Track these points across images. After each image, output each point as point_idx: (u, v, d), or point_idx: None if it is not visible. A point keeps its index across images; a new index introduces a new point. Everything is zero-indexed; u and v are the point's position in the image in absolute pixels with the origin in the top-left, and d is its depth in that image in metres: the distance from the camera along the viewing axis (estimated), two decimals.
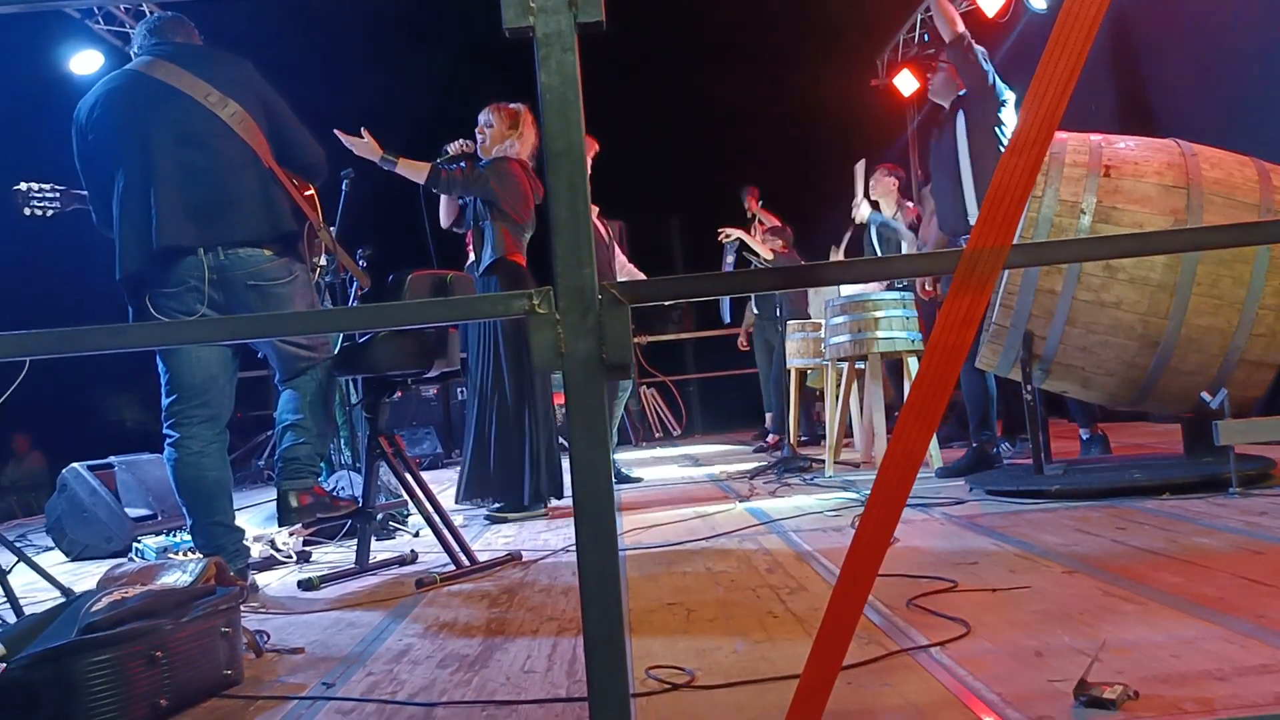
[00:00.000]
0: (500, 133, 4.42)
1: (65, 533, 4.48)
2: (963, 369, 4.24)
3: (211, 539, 2.90)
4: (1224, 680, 1.45)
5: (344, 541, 3.91)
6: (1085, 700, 1.38)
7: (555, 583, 2.78)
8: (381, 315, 1.68)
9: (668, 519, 3.85)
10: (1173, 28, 6.35)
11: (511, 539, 3.75)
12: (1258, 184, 3.39)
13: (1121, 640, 1.69)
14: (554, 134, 1.11)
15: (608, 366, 1.12)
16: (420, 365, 3.26)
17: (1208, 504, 3.07)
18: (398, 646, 2.19)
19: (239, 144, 2.90)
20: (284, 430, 3.03)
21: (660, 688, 1.68)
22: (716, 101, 9.79)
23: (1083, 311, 3.46)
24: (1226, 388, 3.29)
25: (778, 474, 5.19)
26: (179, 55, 2.97)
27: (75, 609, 1.82)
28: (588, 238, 1.11)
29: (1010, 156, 1.22)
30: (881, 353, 4.99)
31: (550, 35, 1.10)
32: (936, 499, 3.71)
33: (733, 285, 3.05)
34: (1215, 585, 2.02)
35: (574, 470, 1.12)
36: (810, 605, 2.18)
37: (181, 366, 2.89)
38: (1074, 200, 3.43)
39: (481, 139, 4.42)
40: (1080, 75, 1.20)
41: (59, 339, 1.24)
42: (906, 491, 1.22)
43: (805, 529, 3.30)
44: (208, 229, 2.84)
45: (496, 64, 5.63)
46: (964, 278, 1.20)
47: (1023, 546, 2.65)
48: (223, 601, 1.99)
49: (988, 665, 1.64)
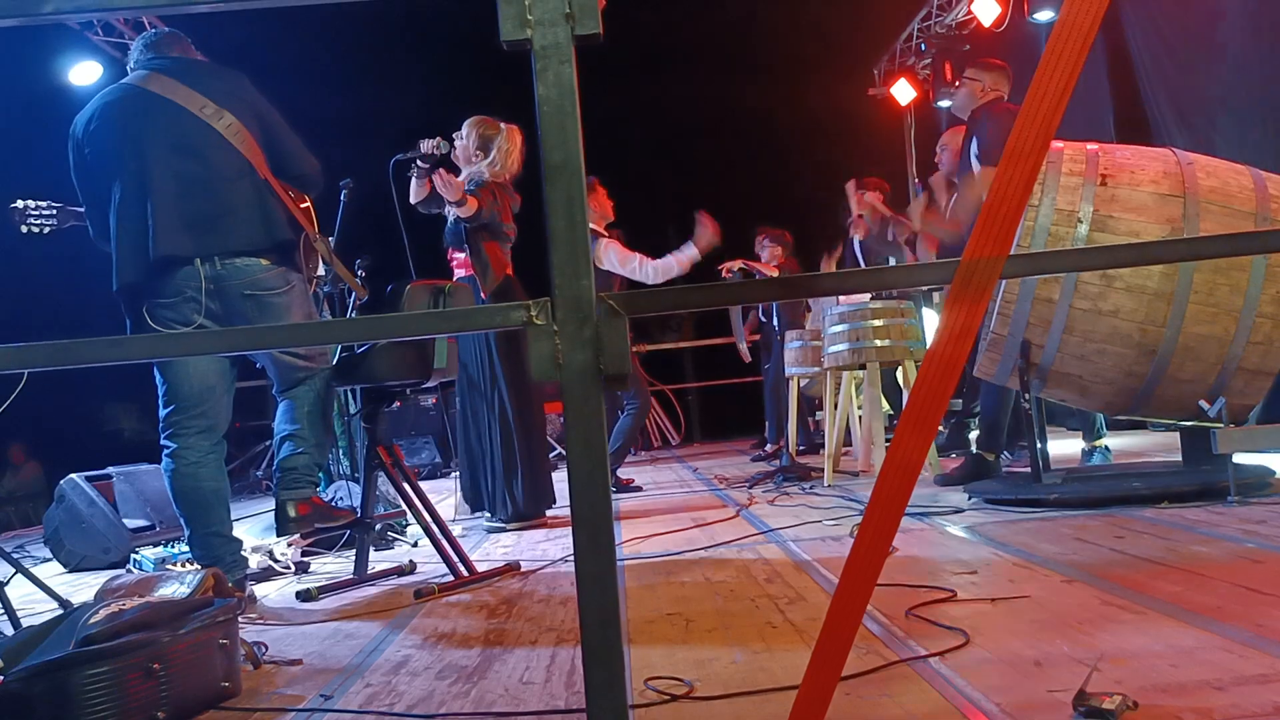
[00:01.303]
0: (468, 153, 4.47)
1: (63, 544, 4.47)
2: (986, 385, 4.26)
3: (209, 549, 2.90)
4: (1223, 690, 1.45)
5: (342, 552, 3.91)
6: (1084, 711, 1.38)
7: (554, 593, 2.77)
8: (379, 327, 1.67)
9: (666, 528, 3.85)
10: (1169, 36, 6.37)
11: (510, 549, 3.75)
12: (1254, 193, 3.40)
13: (1120, 650, 1.69)
14: (551, 146, 1.11)
15: (605, 378, 1.12)
16: (419, 375, 3.26)
17: (1206, 512, 3.07)
18: (396, 657, 2.18)
19: (234, 155, 2.91)
20: (282, 440, 3.04)
21: (659, 699, 1.68)
22: (713, 111, 9.82)
23: (1080, 320, 3.46)
24: (1224, 396, 3.30)
25: (776, 483, 5.19)
26: (175, 69, 2.99)
27: (73, 621, 1.82)
28: (585, 249, 1.12)
29: (1007, 165, 1.22)
30: (880, 361, 4.99)
31: (548, 48, 1.11)
32: (935, 508, 3.71)
33: (730, 297, 3.05)
34: (1214, 594, 2.02)
35: (572, 480, 1.12)
36: (809, 615, 2.18)
37: (179, 377, 2.90)
38: (1071, 209, 3.43)
39: (455, 148, 4.48)
40: (1076, 85, 1.21)
41: (57, 351, 1.24)
42: (905, 500, 1.22)
43: (804, 538, 3.29)
44: (204, 238, 2.85)
45: (497, 76, 5.65)
46: (961, 288, 1.21)
47: (1021, 555, 2.65)
48: (220, 613, 1.99)
49: (987, 675, 1.63)
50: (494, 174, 4.45)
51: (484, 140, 4.46)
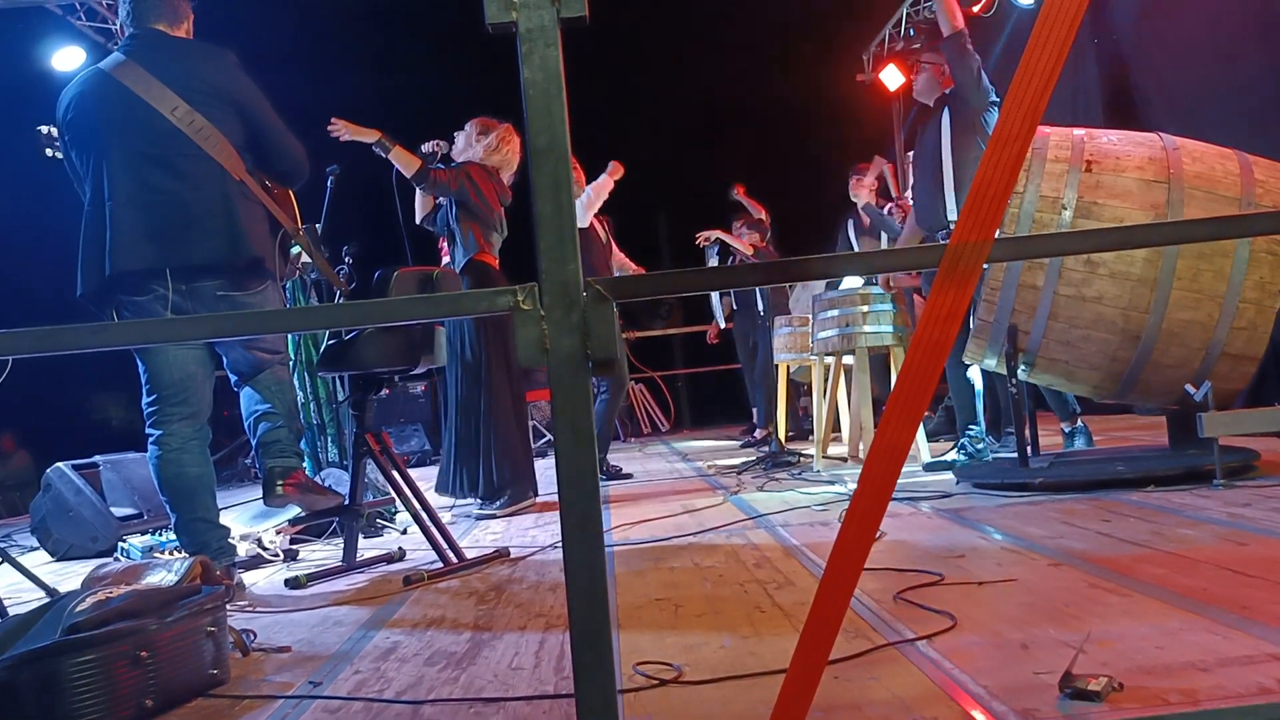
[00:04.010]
0: (469, 139, 4.61)
1: (50, 532, 4.45)
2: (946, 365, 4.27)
3: (195, 536, 2.89)
4: (1207, 671, 1.46)
5: (331, 539, 3.90)
6: (1070, 692, 1.39)
7: (543, 579, 2.78)
8: (366, 312, 1.67)
9: (655, 514, 3.85)
10: (1157, 21, 6.38)
11: (499, 536, 3.75)
12: (1239, 177, 3.41)
13: (1106, 632, 1.70)
14: (537, 130, 1.10)
15: (593, 363, 1.11)
16: (407, 362, 3.25)
17: (1192, 496, 3.09)
18: (385, 644, 2.18)
19: (204, 162, 2.83)
20: (257, 420, 3.02)
21: (648, 683, 1.68)
22: (701, 96, 9.79)
23: (1064, 306, 3.47)
24: (1209, 380, 3.31)
25: (765, 468, 5.20)
26: (153, 54, 2.88)
27: (59, 609, 1.81)
28: (572, 233, 1.11)
29: (993, 151, 1.22)
30: (869, 347, 5.01)
31: (533, 30, 1.10)
32: (923, 492, 3.73)
33: (717, 281, 3.04)
34: (1199, 577, 2.04)
35: (559, 466, 1.12)
36: (797, 600, 2.19)
37: (159, 366, 2.88)
38: (1055, 196, 3.44)
39: (456, 144, 4.61)
40: (1063, 69, 1.21)
41: (40, 338, 1.23)
42: (892, 485, 1.23)
43: (793, 523, 3.30)
44: (166, 251, 2.79)
45: (484, 57, 5.63)
46: (947, 272, 1.21)
47: (1009, 539, 2.67)
48: (208, 601, 1.98)
49: (974, 658, 1.64)
50: (488, 156, 4.55)
51: (485, 128, 4.62)
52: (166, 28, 2.96)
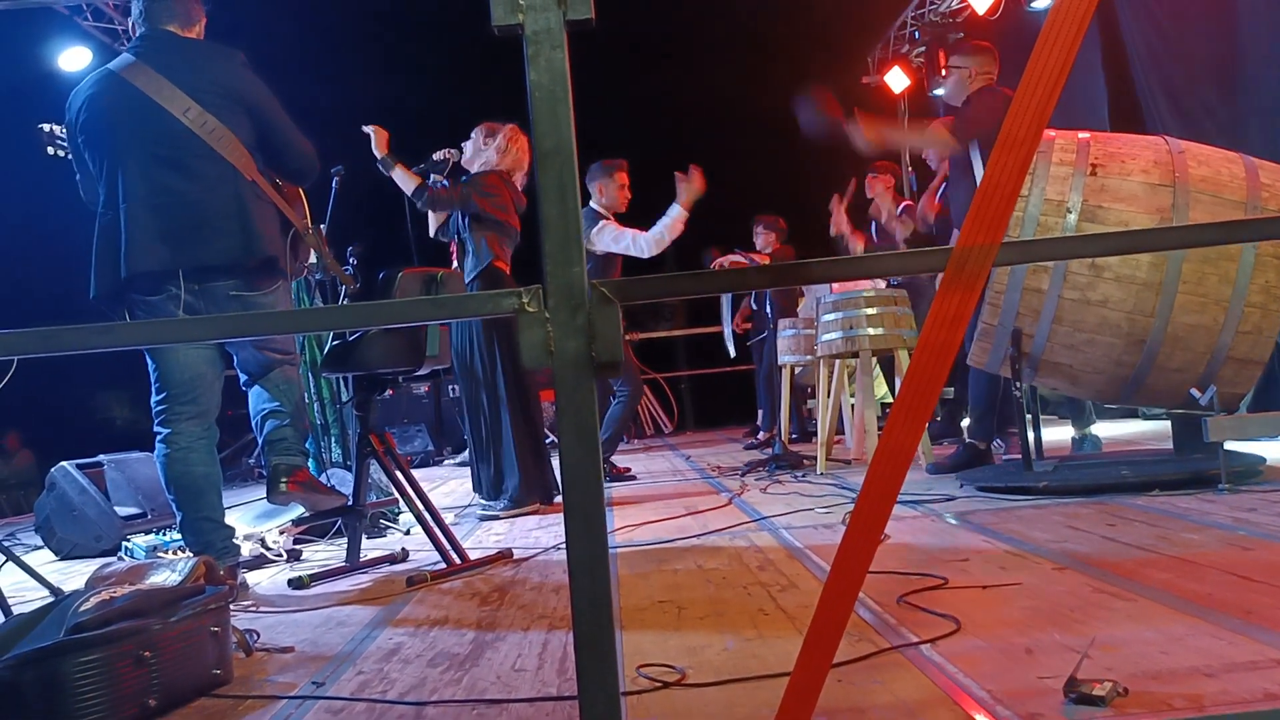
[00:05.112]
0: (477, 145, 4.61)
1: (54, 531, 4.46)
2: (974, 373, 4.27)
3: (200, 535, 2.90)
4: (1213, 676, 1.45)
5: (334, 540, 3.90)
6: (1075, 697, 1.39)
7: (547, 580, 2.78)
8: (371, 314, 1.67)
9: (659, 516, 3.85)
10: (1163, 24, 6.37)
11: (503, 537, 3.75)
12: (1244, 181, 3.40)
13: (1111, 637, 1.70)
14: (543, 132, 1.10)
15: (597, 365, 1.11)
16: (411, 363, 3.25)
17: (1197, 500, 3.08)
18: (388, 645, 2.18)
19: (217, 163, 2.84)
20: (264, 418, 3.03)
21: (651, 686, 1.68)
22: (706, 99, 9.79)
23: (1069, 310, 3.46)
24: (1215, 385, 3.30)
25: (769, 471, 5.19)
26: (163, 56, 2.88)
27: (63, 608, 1.81)
28: (577, 236, 1.11)
29: (1000, 153, 1.22)
30: (873, 349, 5.00)
31: (539, 33, 1.10)
32: (928, 496, 3.72)
33: (721, 284, 3.03)
34: (1204, 582, 2.03)
35: (564, 467, 1.12)
36: (801, 602, 2.19)
37: (169, 365, 2.89)
38: (1060, 199, 3.43)
39: (465, 153, 4.61)
40: (1071, 72, 1.20)
41: (46, 338, 1.23)
42: (897, 488, 1.22)
43: (796, 526, 3.30)
44: (179, 253, 2.80)
45: (491, 58, 5.62)
46: (954, 275, 1.20)
47: (1013, 543, 2.66)
48: (212, 601, 1.99)
49: (978, 662, 1.64)
50: (501, 159, 4.54)
51: (491, 130, 4.61)
52: (178, 29, 2.96)
